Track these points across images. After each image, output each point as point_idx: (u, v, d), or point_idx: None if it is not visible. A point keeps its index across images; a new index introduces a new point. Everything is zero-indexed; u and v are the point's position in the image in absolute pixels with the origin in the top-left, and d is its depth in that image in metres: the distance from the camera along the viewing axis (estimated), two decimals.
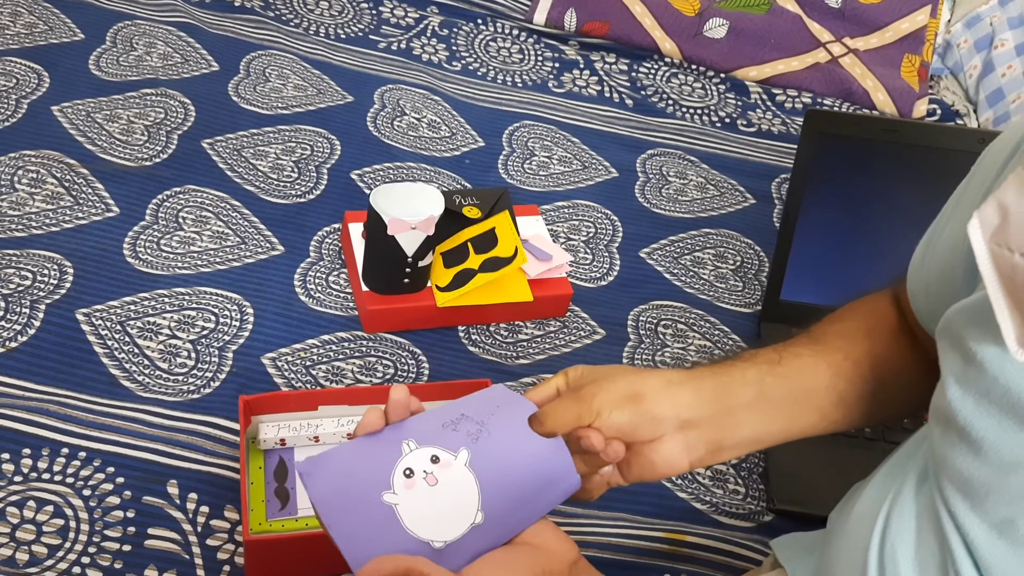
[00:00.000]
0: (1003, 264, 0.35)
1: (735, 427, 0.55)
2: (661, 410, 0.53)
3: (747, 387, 0.55)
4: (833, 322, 0.61)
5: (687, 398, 0.53)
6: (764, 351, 0.57)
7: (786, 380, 0.56)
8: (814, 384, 0.56)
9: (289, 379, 0.85)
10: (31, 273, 0.88)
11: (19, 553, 0.69)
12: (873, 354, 0.57)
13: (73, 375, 0.81)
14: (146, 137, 1.05)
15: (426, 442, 0.50)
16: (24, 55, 1.12)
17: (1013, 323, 0.34)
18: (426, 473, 0.49)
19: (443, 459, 0.50)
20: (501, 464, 0.50)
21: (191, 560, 0.71)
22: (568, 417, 0.51)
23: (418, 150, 1.12)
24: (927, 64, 1.40)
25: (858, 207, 0.97)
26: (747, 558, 0.78)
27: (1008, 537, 0.42)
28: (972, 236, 0.36)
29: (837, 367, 0.57)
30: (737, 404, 0.54)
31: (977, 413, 0.43)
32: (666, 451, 0.54)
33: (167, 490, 0.75)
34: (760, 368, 0.56)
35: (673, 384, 0.54)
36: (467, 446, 0.50)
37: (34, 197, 0.96)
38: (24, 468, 0.74)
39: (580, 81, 1.29)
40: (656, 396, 0.53)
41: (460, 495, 0.49)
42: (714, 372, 0.55)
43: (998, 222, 0.35)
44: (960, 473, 0.45)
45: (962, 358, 0.44)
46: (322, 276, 0.95)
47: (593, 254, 1.05)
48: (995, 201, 0.36)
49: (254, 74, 1.17)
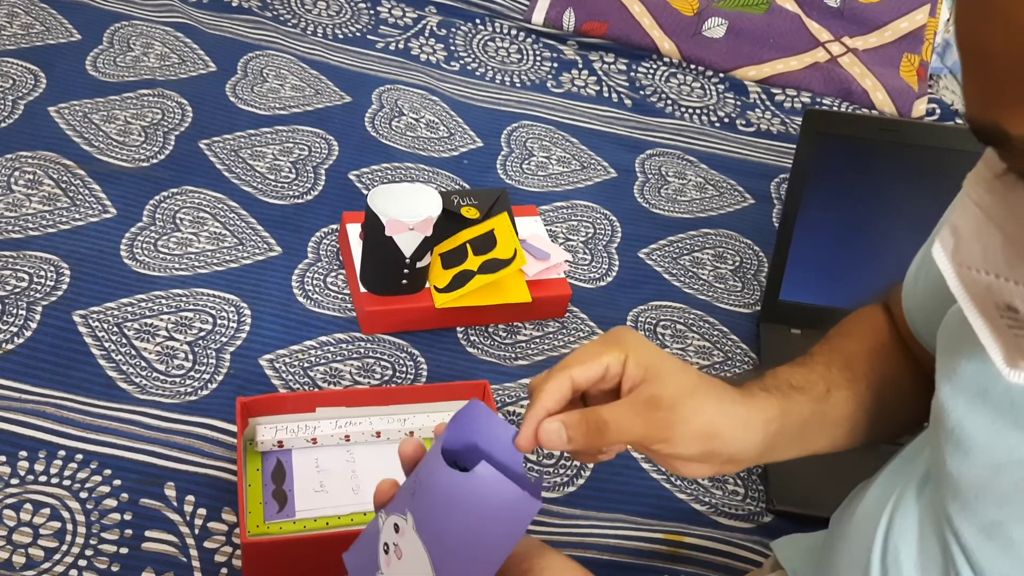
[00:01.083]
0: (968, 282, 0.36)
1: (766, 455, 0.53)
2: (730, 449, 0.49)
3: (797, 426, 0.53)
4: (852, 339, 0.59)
5: (753, 443, 0.50)
6: (815, 379, 0.54)
7: (825, 417, 0.54)
8: (841, 415, 0.55)
9: (287, 381, 0.85)
10: (28, 275, 0.88)
11: (16, 556, 0.69)
12: (883, 377, 0.57)
13: (70, 377, 0.81)
14: (143, 138, 1.05)
15: (391, 509, 0.47)
16: (21, 56, 1.11)
17: (997, 344, 0.34)
18: (394, 546, 0.46)
19: (400, 527, 0.46)
20: (439, 516, 0.45)
21: (188, 563, 0.71)
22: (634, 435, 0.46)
23: (416, 150, 1.12)
24: (926, 63, 1.40)
25: (857, 207, 0.96)
26: (746, 559, 0.78)
27: (997, 539, 0.42)
28: (937, 259, 0.37)
29: (860, 396, 0.56)
30: (785, 441, 0.52)
31: (969, 413, 0.43)
32: (697, 467, 0.50)
33: (164, 492, 0.74)
34: (813, 407, 0.53)
35: (750, 427, 0.49)
36: (409, 506, 0.45)
37: (31, 198, 0.96)
38: (21, 471, 0.74)
39: (579, 81, 1.29)
40: (732, 437, 0.48)
41: (416, 565, 0.45)
42: (784, 412, 0.51)
43: (954, 243, 0.37)
44: (950, 474, 0.45)
45: (958, 359, 0.44)
46: (320, 277, 0.95)
47: (592, 255, 1.05)
48: (949, 224, 0.37)
49: (251, 74, 1.17)
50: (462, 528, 0.44)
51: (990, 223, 0.35)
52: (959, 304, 0.45)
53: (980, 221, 0.36)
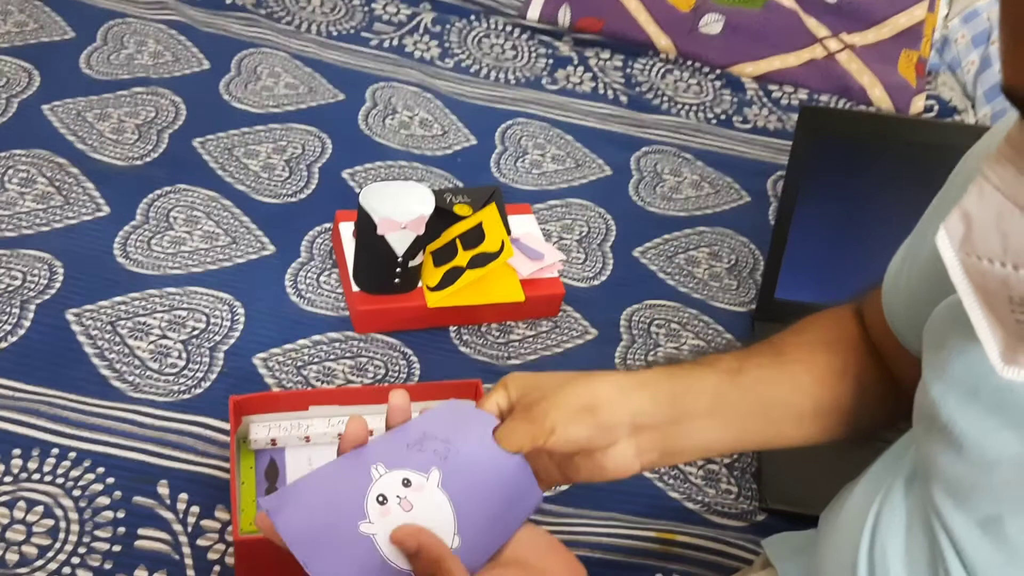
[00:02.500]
0: (974, 273, 0.35)
1: (688, 435, 0.53)
2: (616, 418, 0.51)
3: (703, 395, 0.53)
4: (795, 334, 0.59)
5: (641, 404, 0.52)
6: (726, 358, 0.56)
7: (744, 391, 0.54)
8: (772, 397, 0.55)
9: (280, 379, 0.85)
10: (21, 273, 0.88)
11: (9, 553, 0.69)
12: (833, 367, 0.56)
13: (63, 375, 0.81)
14: (137, 136, 1.05)
15: (395, 465, 0.48)
16: (14, 54, 1.11)
17: (995, 338, 0.34)
18: (400, 498, 0.47)
19: (415, 482, 0.48)
20: (472, 483, 0.48)
21: (181, 560, 0.71)
22: (523, 439, 0.49)
23: (410, 148, 1.12)
24: (924, 59, 1.39)
25: (853, 204, 0.96)
26: (739, 558, 0.78)
27: (992, 534, 0.42)
28: (941, 248, 0.35)
29: (797, 380, 0.55)
30: (692, 411, 0.53)
31: (960, 411, 0.43)
32: (618, 456, 0.52)
33: (157, 490, 0.74)
34: (719, 376, 0.54)
35: (627, 390, 0.52)
36: (437, 466, 0.48)
37: (24, 197, 0.96)
38: (14, 468, 0.74)
39: (574, 78, 1.29)
40: (611, 405, 0.51)
41: (436, 519, 0.47)
42: (671, 376, 0.53)
43: (964, 231, 0.35)
44: (944, 472, 0.44)
45: (948, 356, 0.44)
46: (313, 276, 0.95)
47: (586, 253, 1.04)
48: (959, 211, 0.35)
49: (245, 72, 1.17)
50: (491, 500, 0.48)
51: (1016, 210, 0.33)
52: (951, 299, 0.45)
53: (1002, 208, 0.34)
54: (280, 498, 0.47)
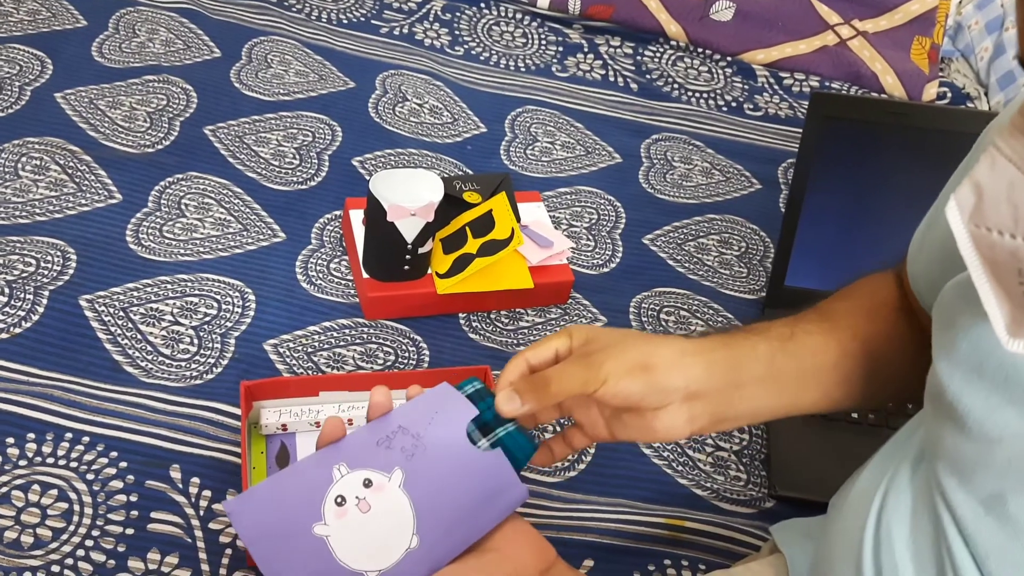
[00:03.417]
0: (983, 245, 0.34)
1: (741, 401, 0.55)
2: (671, 381, 0.52)
3: (758, 362, 0.55)
4: (841, 299, 0.61)
5: (698, 371, 0.53)
6: (776, 325, 0.57)
7: (796, 358, 0.56)
8: (823, 362, 0.56)
9: (291, 365, 0.85)
10: (35, 259, 0.89)
11: (24, 536, 0.70)
12: (877, 333, 0.57)
13: (76, 360, 0.82)
14: (148, 124, 1.05)
15: (358, 465, 0.48)
16: (27, 42, 1.12)
17: (1001, 311, 0.34)
18: (358, 499, 0.47)
19: (376, 482, 0.47)
20: (438, 482, 0.48)
21: (193, 543, 0.71)
22: (574, 382, 0.50)
23: (419, 136, 1.12)
24: (937, 46, 1.38)
25: (864, 192, 0.96)
26: (747, 544, 0.78)
27: (994, 512, 0.42)
28: (951, 219, 0.35)
29: (845, 346, 0.56)
30: (746, 378, 0.54)
31: (965, 388, 0.43)
32: (669, 419, 0.53)
33: (170, 474, 0.75)
34: (771, 343, 0.55)
35: (686, 355, 0.53)
36: (401, 465, 0.48)
37: (37, 184, 0.96)
38: (28, 452, 0.75)
39: (584, 65, 1.28)
40: (668, 367, 0.52)
41: (394, 520, 0.47)
42: (726, 344, 0.55)
43: (974, 202, 0.35)
44: (948, 449, 0.45)
45: (955, 333, 0.44)
46: (323, 263, 0.95)
47: (595, 241, 1.04)
48: (970, 182, 0.35)
49: (256, 60, 1.17)
50: (459, 498, 0.47)
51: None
52: (960, 278, 0.45)
53: (1014, 179, 0.33)
54: (241, 500, 0.47)
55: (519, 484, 0.49)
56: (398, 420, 0.50)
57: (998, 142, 0.34)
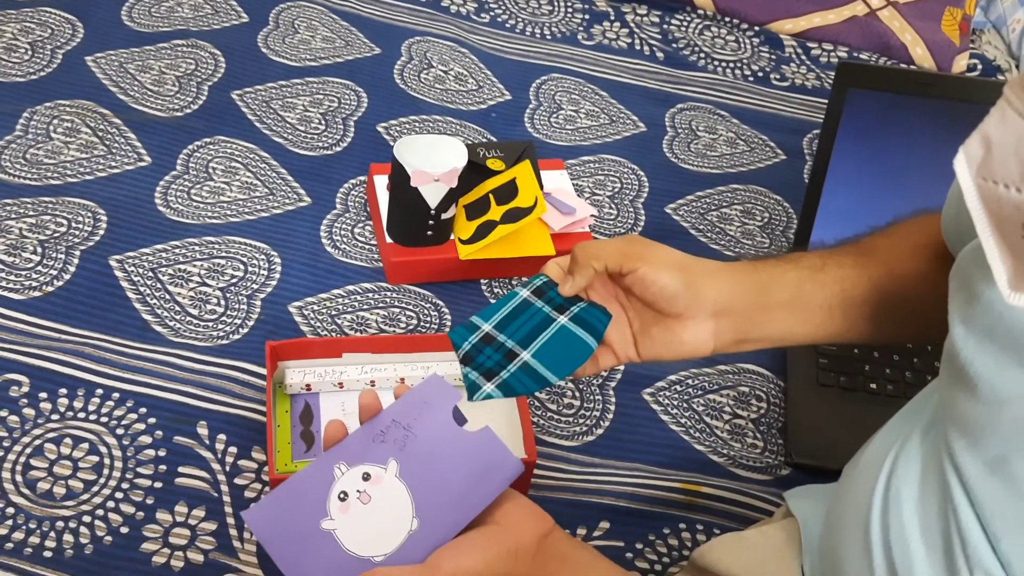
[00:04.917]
0: (989, 198, 0.34)
1: (766, 323, 0.57)
2: (702, 289, 0.55)
3: (786, 287, 0.56)
4: (886, 235, 0.62)
5: (727, 287, 0.55)
6: (809, 255, 0.59)
7: (824, 287, 0.57)
8: (852, 295, 0.57)
9: (315, 327, 0.87)
10: (66, 220, 0.91)
11: (56, 487, 0.72)
12: (917, 272, 0.58)
13: (107, 319, 0.84)
14: (177, 88, 1.07)
15: (356, 461, 0.53)
16: (59, 6, 1.13)
17: (1004, 264, 0.34)
18: (359, 492, 0.52)
19: (374, 475, 0.52)
20: (431, 466, 0.52)
21: (220, 498, 0.73)
22: (614, 249, 0.54)
23: (444, 103, 1.12)
24: (969, 17, 1.35)
25: (889, 163, 0.95)
26: (762, 510, 0.79)
27: (999, 474, 0.43)
28: (958, 171, 0.35)
29: (877, 281, 0.58)
30: (773, 302, 0.56)
31: (978, 351, 0.43)
32: (696, 331, 0.55)
33: (197, 431, 0.77)
34: (801, 272, 0.57)
35: (719, 270, 0.56)
36: (395, 456, 0.53)
37: (69, 146, 0.98)
38: (61, 407, 0.77)
39: (610, 33, 1.28)
40: (701, 275, 0.55)
41: (394, 507, 0.52)
42: (756, 268, 0.57)
43: (983, 155, 0.34)
44: (960, 412, 0.45)
45: (969, 296, 0.44)
46: (348, 228, 0.96)
47: (618, 209, 1.05)
48: (979, 134, 0.35)
49: (283, 25, 1.17)
50: (453, 478, 0.52)
51: None
52: (975, 242, 0.45)
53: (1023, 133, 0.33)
54: (258, 506, 0.52)
55: (513, 458, 0.53)
56: (391, 415, 0.55)
57: (1009, 95, 0.34)
